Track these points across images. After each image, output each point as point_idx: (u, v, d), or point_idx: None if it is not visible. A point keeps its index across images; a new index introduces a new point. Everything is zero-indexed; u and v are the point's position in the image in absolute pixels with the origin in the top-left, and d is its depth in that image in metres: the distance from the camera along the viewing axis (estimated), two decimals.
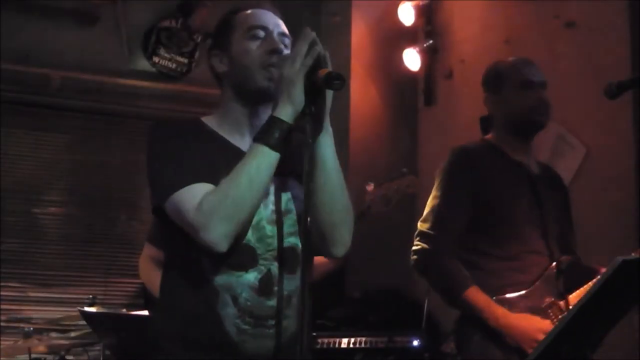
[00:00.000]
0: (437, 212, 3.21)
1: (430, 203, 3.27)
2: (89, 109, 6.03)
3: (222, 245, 2.06)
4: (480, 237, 3.17)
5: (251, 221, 2.15)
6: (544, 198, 3.24)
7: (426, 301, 4.63)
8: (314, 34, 2.12)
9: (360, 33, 6.36)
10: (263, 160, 2.08)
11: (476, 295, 3.06)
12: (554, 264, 3.13)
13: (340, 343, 4.74)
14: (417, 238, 3.22)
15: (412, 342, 4.81)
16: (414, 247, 3.22)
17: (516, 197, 3.19)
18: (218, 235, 2.05)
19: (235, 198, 2.05)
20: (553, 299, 3.07)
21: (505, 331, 3.00)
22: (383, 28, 6.37)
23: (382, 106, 6.40)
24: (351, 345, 4.75)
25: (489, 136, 3.40)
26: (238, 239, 2.11)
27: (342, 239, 2.27)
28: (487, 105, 3.38)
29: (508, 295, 3.08)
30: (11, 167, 5.88)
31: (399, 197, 3.96)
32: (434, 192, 3.29)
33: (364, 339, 4.80)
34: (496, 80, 3.33)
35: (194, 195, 2.07)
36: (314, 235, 2.13)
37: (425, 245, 3.18)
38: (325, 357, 4.71)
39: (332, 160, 2.20)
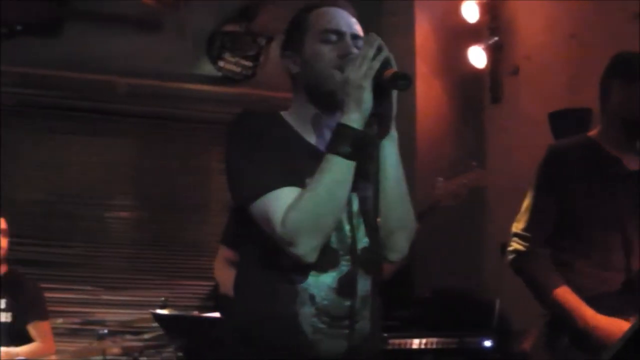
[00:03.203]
0: (529, 213, 3.21)
1: (524, 203, 3.26)
2: (156, 115, 6.11)
3: (312, 257, 2.09)
4: (571, 238, 3.13)
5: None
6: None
7: (497, 301, 4.58)
8: (379, 39, 2.11)
9: (424, 32, 6.33)
10: (340, 172, 2.07)
11: (565, 295, 3.03)
12: None
13: (411, 344, 4.71)
14: (512, 238, 3.23)
15: (483, 342, 4.76)
16: (509, 248, 3.24)
17: (606, 196, 3.10)
18: (306, 250, 2.07)
19: (318, 213, 2.06)
20: None
21: (593, 332, 2.94)
22: (447, 26, 6.33)
23: (448, 105, 6.36)
24: (422, 346, 4.72)
25: (593, 131, 3.28)
26: None
27: (397, 246, 2.28)
28: (607, 89, 3.18)
29: (598, 297, 3.01)
30: (81, 172, 5.99)
31: (467, 191, 3.95)
32: (528, 192, 3.27)
33: (434, 339, 4.77)
34: (634, 71, 3.13)
35: (280, 204, 2.07)
36: None
37: (518, 246, 3.19)
38: (396, 358, 4.69)
39: (393, 168, 2.19)
